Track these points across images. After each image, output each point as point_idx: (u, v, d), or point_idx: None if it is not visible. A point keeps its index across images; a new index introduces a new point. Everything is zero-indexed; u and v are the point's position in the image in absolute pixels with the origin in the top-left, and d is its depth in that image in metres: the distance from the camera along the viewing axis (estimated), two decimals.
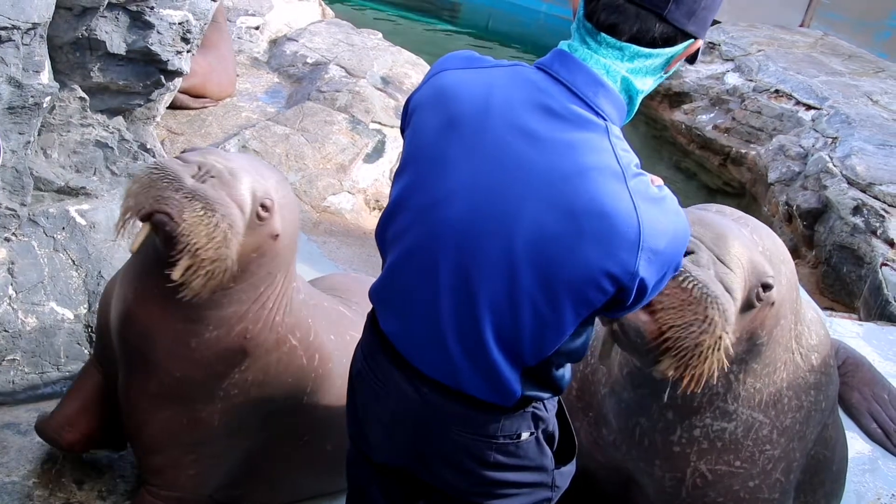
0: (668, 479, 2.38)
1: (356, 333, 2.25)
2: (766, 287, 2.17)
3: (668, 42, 1.70)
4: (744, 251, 2.15)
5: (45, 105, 2.89)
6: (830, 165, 6.23)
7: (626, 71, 1.70)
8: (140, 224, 2.22)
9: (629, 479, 2.51)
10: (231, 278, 2.29)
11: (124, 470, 2.82)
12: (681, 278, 1.97)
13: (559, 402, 1.99)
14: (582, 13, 1.72)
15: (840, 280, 5.73)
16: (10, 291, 2.95)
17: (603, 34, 1.69)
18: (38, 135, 3.00)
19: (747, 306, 2.15)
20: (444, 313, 1.78)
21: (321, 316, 2.71)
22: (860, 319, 4.75)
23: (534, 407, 1.88)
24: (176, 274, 2.17)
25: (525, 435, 1.89)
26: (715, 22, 10.31)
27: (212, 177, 2.21)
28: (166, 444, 2.55)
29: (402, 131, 1.89)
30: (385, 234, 1.88)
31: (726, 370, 2.21)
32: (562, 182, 1.65)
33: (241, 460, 2.68)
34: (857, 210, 5.75)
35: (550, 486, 1.98)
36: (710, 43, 8.88)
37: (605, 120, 1.68)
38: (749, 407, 2.33)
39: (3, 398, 2.88)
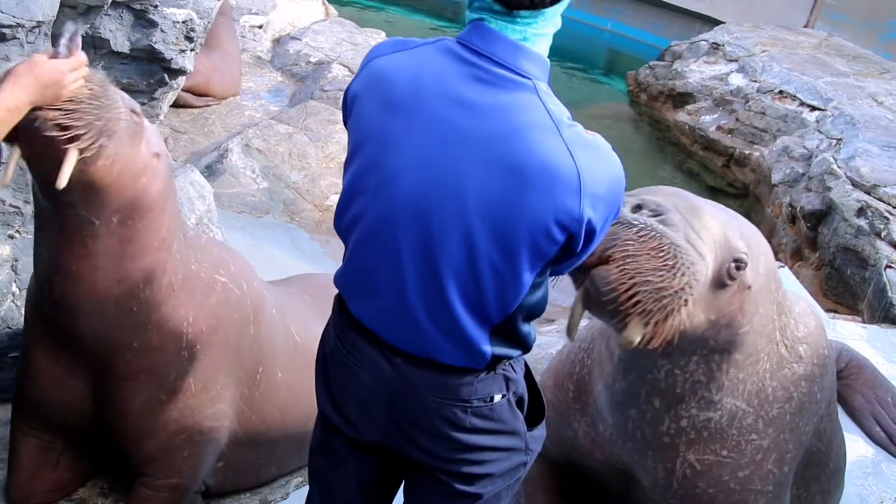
0: (661, 470, 2.41)
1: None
2: (739, 263, 2.16)
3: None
4: (716, 224, 2.15)
5: None
6: (834, 167, 6.22)
7: (533, 32, 1.82)
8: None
9: (629, 478, 2.53)
10: (130, 213, 2.29)
11: (125, 465, 2.82)
12: (641, 230, 2.00)
13: (525, 364, 2.06)
14: None
15: (844, 282, 5.72)
16: (14, 289, 2.95)
17: (502, 7, 1.80)
18: None
19: (719, 284, 2.15)
20: (409, 287, 1.85)
21: (223, 247, 2.79)
22: (864, 322, 4.74)
23: (503, 369, 1.95)
24: (62, 178, 2.11)
25: (497, 397, 1.96)
26: (718, 22, 10.25)
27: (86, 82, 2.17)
28: (153, 427, 2.56)
29: (346, 123, 1.97)
30: (342, 221, 1.96)
31: (708, 360, 2.26)
32: (501, 142, 1.75)
33: (226, 431, 2.71)
34: (861, 212, 5.74)
35: (525, 450, 2.05)
36: (714, 43, 8.87)
37: (530, 79, 1.78)
38: (732, 396, 2.34)
39: (7, 395, 2.88)
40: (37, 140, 2.10)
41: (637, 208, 2.07)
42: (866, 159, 6.18)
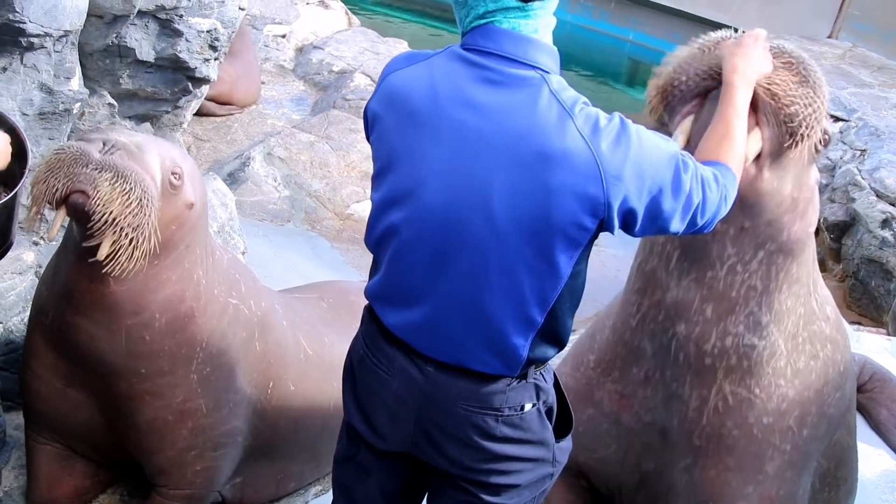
0: (695, 399, 2.40)
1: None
2: (826, 137, 2.25)
3: None
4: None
5: (74, 111, 2.92)
6: (859, 178, 6.16)
7: (543, 25, 1.83)
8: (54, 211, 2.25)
9: (649, 438, 2.50)
10: (155, 254, 2.28)
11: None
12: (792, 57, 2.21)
13: (554, 374, 2.06)
14: None
15: (868, 294, 5.66)
16: None
17: (517, 1, 1.82)
18: (68, 140, 3.03)
19: (811, 154, 2.23)
20: (443, 297, 1.86)
21: (238, 266, 2.80)
22: (889, 334, 4.68)
23: (534, 378, 1.95)
24: (102, 251, 2.17)
25: (528, 406, 1.96)
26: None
27: (118, 149, 2.22)
28: (160, 444, 2.56)
29: (368, 139, 1.99)
30: (372, 236, 1.97)
31: (770, 260, 2.28)
32: (518, 141, 1.76)
33: (241, 446, 2.71)
34: (885, 223, 5.68)
35: (552, 462, 2.04)
36: None
37: (540, 71, 1.79)
38: (778, 328, 2.35)
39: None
40: (76, 213, 2.21)
41: None
42: (891, 170, 6.12)
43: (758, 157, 2.16)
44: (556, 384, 2.06)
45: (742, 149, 2.02)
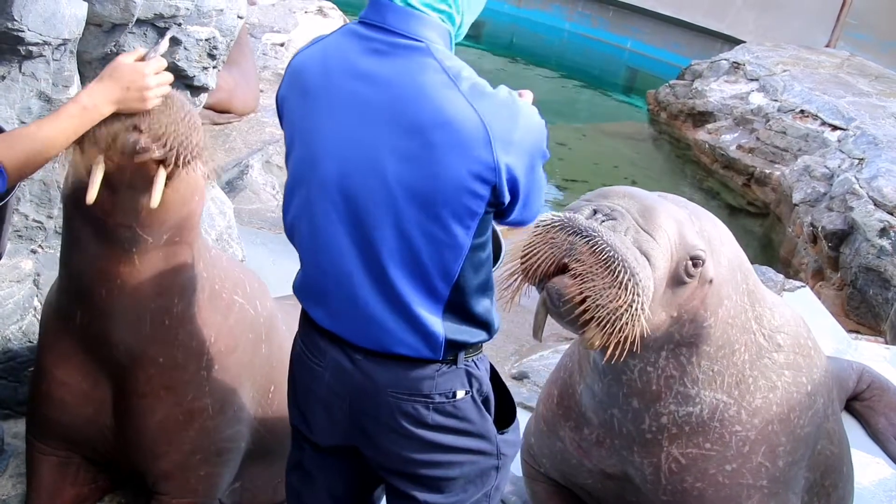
0: (647, 465, 2.41)
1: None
2: (696, 260, 2.17)
3: None
4: (671, 224, 2.16)
5: None
6: (857, 187, 6.17)
7: (426, 3, 1.82)
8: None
9: (622, 482, 2.51)
10: (178, 230, 2.30)
11: (143, 481, 2.82)
12: (592, 243, 2.02)
13: (491, 365, 2.05)
14: None
15: (866, 302, 5.66)
16: (36, 303, 2.97)
17: None
18: (64, 151, 3.03)
19: (678, 281, 2.17)
20: (355, 276, 1.86)
21: (239, 266, 2.79)
22: (887, 343, 4.68)
23: (465, 364, 1.94)
24: (155, 200, 2.08)
25: (461, 393, 1.94)
26: (739, 41, 10.23)
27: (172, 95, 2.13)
28: (167, 447, 2.56)
29: (282, 126, 2.01)
30: (286, 224, 1.98)
31: (676, 354, 2.28)
32: (405, 106, 1.78)
33: (242, 452, 2.71)
34: (883, 232, 5.69)
35: (496, 455, 2.02)
36: (734, 62, 8.85)
37: (423, 42, 1.80)
38: (711, 389, 2.34)
39: (25, 408, 2.90)
40: (125, 156, 2.06)
41: (592, 214, 2.09)
42: (889, 179, 6.13)
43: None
44: (494, 374, 2.05)
45: None
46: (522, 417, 2.78)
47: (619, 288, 2.01)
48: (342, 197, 1.83)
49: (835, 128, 7.31)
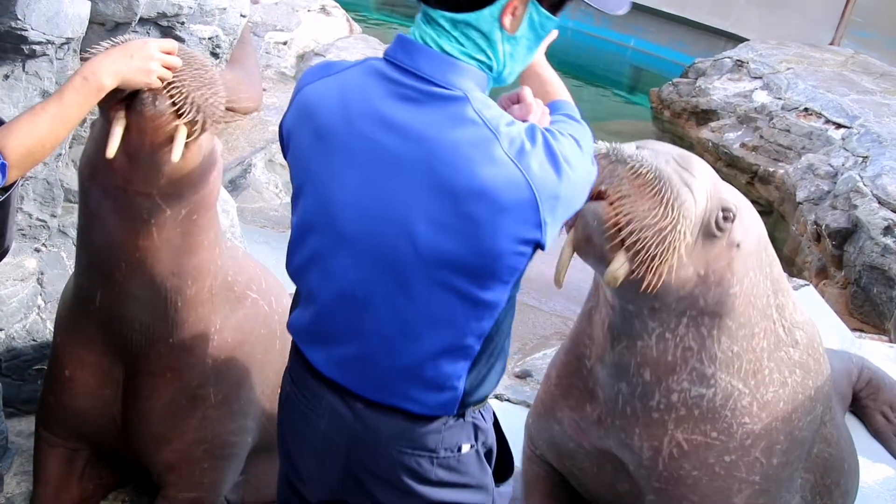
0: (647, 448, 2.36)
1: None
2: (727, 212, 2.15)
3: (476, 0, 1.63)
4: (707, 171, 2.15)
5: None
6: (860, 185, 6.16)
7: (459, 41, 1.65)
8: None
9: (616, 467, 2.47)
10: (196, 205, 2.29)
11: (148, 478, 2.83)
12: (637, 166, 1.98)
13: (494, 414, 1.95)
14: None
15: (870, 301, 5.65)
16: (39, 301, 2.98)
17: (424, 6, 1.67)
18: (69, 147, 3.03)
19: (708, 234, 2.14)
20: (370, 332, 1.74)
21: (256, 263, 2.77)
22: (891, 341, 4.67)
23: (472, 416, 1.83)
24: (176, 154, 2.08)
25: (466, 447, 1.83)
26: (742, 39, 10.18)
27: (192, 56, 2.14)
28: (172, 432, 2.57)
29: (285, 156, 1.87)
30: (292, 263, 1.84)
31: (698, 323, 2.21)
32: (439, 165, 1.61)
33: (249, 447, 2.71)
34: (888, 230, 5.67)
35: None
36: (738, 60, 8.83)
37: (461, 91, 1.64)
38: (728, 373, 2.28)
39: (31, 407, 2.91)
40: (144, 113, 2.05)
41: (635, 148, 2.08)
42: (893, 177, 6.12)
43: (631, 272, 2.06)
44: (496, 424, 1.95)
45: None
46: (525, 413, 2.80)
47: (666, 206, 1.97)
48: (365, 252, 1.69)
49: (839, 126, 7.29)
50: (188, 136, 2.12)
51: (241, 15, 3.44)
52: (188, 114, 2.08)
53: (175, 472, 2.63)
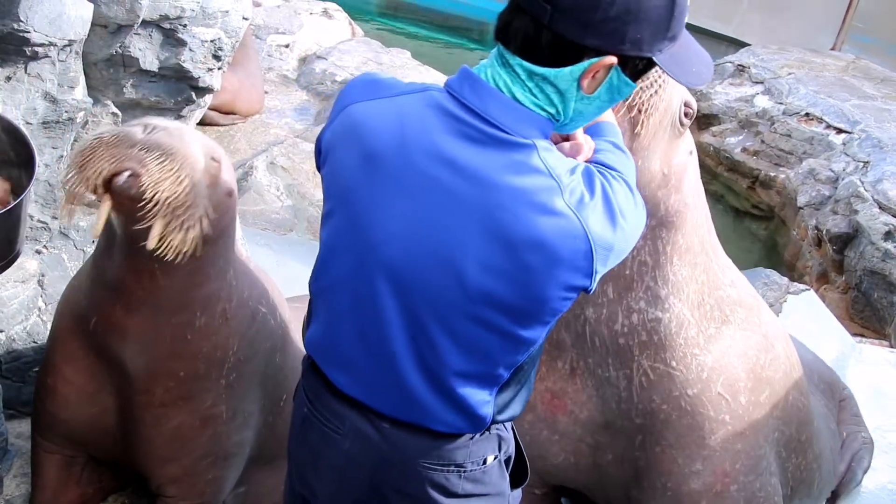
0: (622, 378, 2.43)
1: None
2: (688, 108, 2.29)
3: (559, 57, 1.58)
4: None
5: (78, 120, 2.93)
6: (861, 190, 6.16)
7: (532, 92, 1.62)
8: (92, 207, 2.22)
9: (595, 441, 2.49)
10: (203, 239, 2.23)
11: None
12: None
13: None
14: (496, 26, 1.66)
15: (871, 306, 5.65)
16: (40, 303, 2.98)
17: (501, 48, 1.63)
18: (71, 149, 3.04)
19: (673, 127, 2.26)
20: (401, 358, 1.72)
21: (263, 274, 2.76)
22: (892, 346, 4.67)
23: (497, 429, 1.85)
24: (151, 242, 2.08)
25: (490, 459, 1.85)
26: (744, 44, 10.20)
27: (160, 130, 2.13)
28: (179, 452, 2.54)
29: (319, 169, 1.83)
30: (318, 281, 1.82)
31: (654, 235, 2.33)
32: (498, 211, 1.59)
33: (247, 456, 2.70)
34: (888, 235, 5.67)
35: None
36: (739, 65, 8.84)
37: (529, 139, 1.61)
38: (679, 299, 2.40)
39: (31, 409, 2.90)
40: (125, 202, 2.08)
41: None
42: (894, 182, 6.12)
43: None
44: (513, 429, 1.96)
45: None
46: None
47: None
48: (403, 283, 1.67)
49: (840, 131, 7.29)
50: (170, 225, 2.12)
51: (244, 18, 3.45)
52: (159, 212, 2.08)
53: (177, 485, 2.60)
